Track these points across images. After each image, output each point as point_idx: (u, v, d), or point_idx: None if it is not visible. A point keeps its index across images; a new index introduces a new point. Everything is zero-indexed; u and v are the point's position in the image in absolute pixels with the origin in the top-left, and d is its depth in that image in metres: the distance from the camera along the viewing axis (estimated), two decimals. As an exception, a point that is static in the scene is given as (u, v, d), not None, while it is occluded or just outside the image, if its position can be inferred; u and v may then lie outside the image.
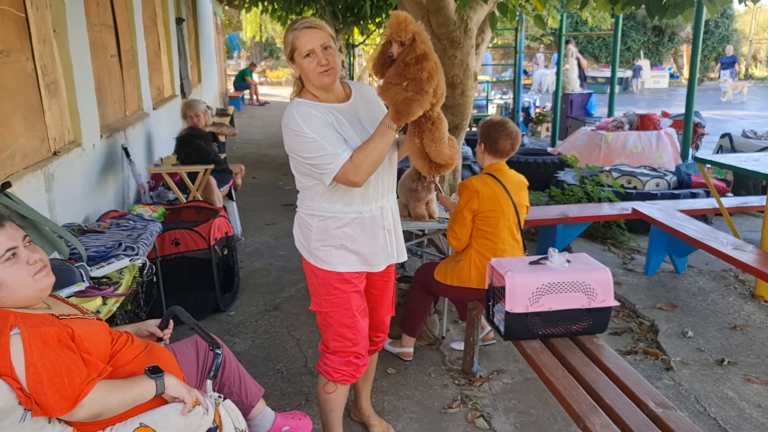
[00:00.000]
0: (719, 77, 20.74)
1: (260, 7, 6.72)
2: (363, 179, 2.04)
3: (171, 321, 2.13)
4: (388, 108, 2.01)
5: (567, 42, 11.32)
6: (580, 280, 2.58)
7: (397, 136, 2.08)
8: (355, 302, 2.27)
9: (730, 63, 20.20)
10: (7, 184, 2.62)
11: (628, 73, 22.56)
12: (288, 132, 2.08)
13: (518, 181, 3.08)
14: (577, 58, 11.03)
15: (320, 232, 2.19)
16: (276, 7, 6.86)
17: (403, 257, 2.36)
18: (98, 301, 2.36)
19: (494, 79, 15.68)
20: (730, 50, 20.45)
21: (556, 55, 11.23)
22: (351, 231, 2.18)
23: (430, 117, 2.04)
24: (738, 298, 4.13)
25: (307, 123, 2.04)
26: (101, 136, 4.48)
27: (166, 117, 7.27)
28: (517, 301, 2.54)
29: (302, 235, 2.27)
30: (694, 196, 5.56)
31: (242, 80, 17.89)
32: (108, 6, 5.15)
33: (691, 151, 7.28)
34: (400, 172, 2.73)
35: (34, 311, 1.71)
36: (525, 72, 20.67)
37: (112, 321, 2.47)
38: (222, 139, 5.84)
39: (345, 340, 2.29)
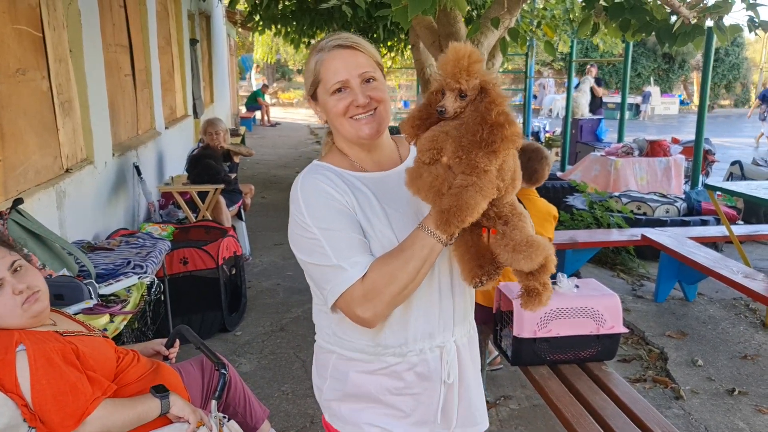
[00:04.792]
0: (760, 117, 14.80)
1: (273, 29, 6.79)
2: (377, 316, 1.25)
3: (177, 340, 2.14)
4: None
5: (591, 66, 11.32)
6: (588, 306, 2.56)
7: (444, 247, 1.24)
8: None
9: None
10: (19, 201, 2.65)
11: (638, 99, 22.57)
12: (291, 213, 1.33)
13: (545, 211, 3.03)
14: (592, 87, 10.97)
15: (337, 375, 1.41)
16: (289, 30, 6.91)
17: (477, 425, 1.47)
18: (105, 318, 2.36)
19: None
20: None
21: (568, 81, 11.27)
22: (385, 381, 1.37)
23: (499, 213, 1.22)
24: (749, 327, 4.08)
25: (313, 207, 1.28)
26: (113, 155, 4.53)
27: (178, 136, 7.35)
28: (525, 327, 2.52)
29: (317, 374, 1.48)
30: (704, 223, 5.52)
31: (254, 101, 18.13)
32: (124, 27, 5.24)
33: (701, 177, 7.25)
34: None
35: (38, 328, 1.71)
36: (534, 96, 20.75)
37: (118, 339, 2.47)
38: (236, 159, 5.89)
39: None
